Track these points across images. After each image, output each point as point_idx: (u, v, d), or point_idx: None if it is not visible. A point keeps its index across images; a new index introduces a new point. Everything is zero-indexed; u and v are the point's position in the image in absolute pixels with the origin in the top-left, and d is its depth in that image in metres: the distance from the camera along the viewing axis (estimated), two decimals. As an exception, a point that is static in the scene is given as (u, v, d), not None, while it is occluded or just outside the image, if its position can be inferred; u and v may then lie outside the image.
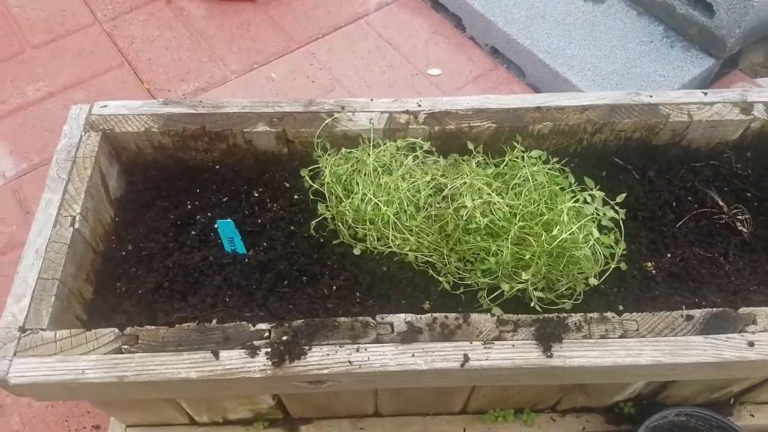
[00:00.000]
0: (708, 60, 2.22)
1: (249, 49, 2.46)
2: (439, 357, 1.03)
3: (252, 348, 1.03)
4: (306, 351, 1.03)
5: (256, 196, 1.33)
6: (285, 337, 1.03)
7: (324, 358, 1.02)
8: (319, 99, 1.36)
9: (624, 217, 1.18)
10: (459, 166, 1.29)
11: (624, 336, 1.06)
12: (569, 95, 1.36)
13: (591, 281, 1.14)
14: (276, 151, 1.35)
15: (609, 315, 1.08)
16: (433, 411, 1.49)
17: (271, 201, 1.32)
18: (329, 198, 1.26)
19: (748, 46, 2.33)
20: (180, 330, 1.05)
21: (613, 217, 1.17)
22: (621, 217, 1.17)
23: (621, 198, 1.18)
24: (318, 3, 2.63)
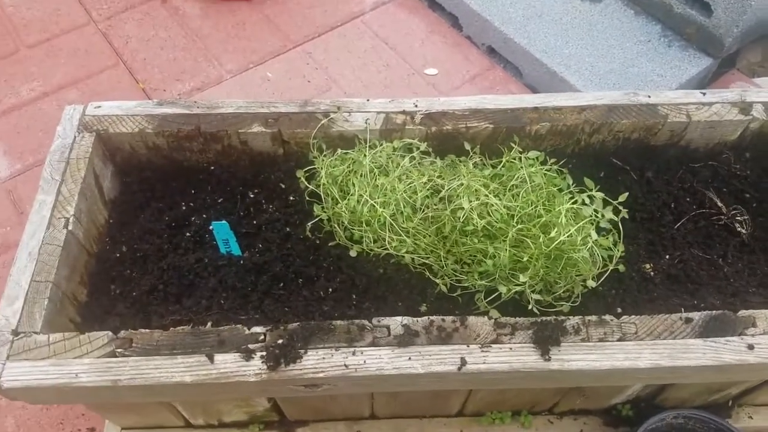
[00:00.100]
0: (706, 59, 2.22)
1: (244, 49, 2.45)
2: (436, 360, 1.02)
3: (247, 351, 1.02)
4: (302, 354, 1.02)
5: (251, 197, 1.32)
6: (280, 341, 1.02)
7: (320, 361, 1.01)
8: (315, 99, 1.35)
9: (623, 218, 1.17)
10: (456, 167, 1.28)
11: (622, 339, 1.05)
12: (567, 95, 1.35)
13: (589, 283, 1.13)
14: (271, 152, 1.34)
15: (607, 318, 1.07)
16: (430, 413, 1.48)
17: (267, 202, 1.31)
18: (325, 199, 1.25)
19: (745, 45, 2.32)
20: (174, 333, 1.04)
21: (612, 219, 1.16)
22: (624, 217, 1.16)
23: (623, 197, 1.17)
24: (314, 2, 2.62)
